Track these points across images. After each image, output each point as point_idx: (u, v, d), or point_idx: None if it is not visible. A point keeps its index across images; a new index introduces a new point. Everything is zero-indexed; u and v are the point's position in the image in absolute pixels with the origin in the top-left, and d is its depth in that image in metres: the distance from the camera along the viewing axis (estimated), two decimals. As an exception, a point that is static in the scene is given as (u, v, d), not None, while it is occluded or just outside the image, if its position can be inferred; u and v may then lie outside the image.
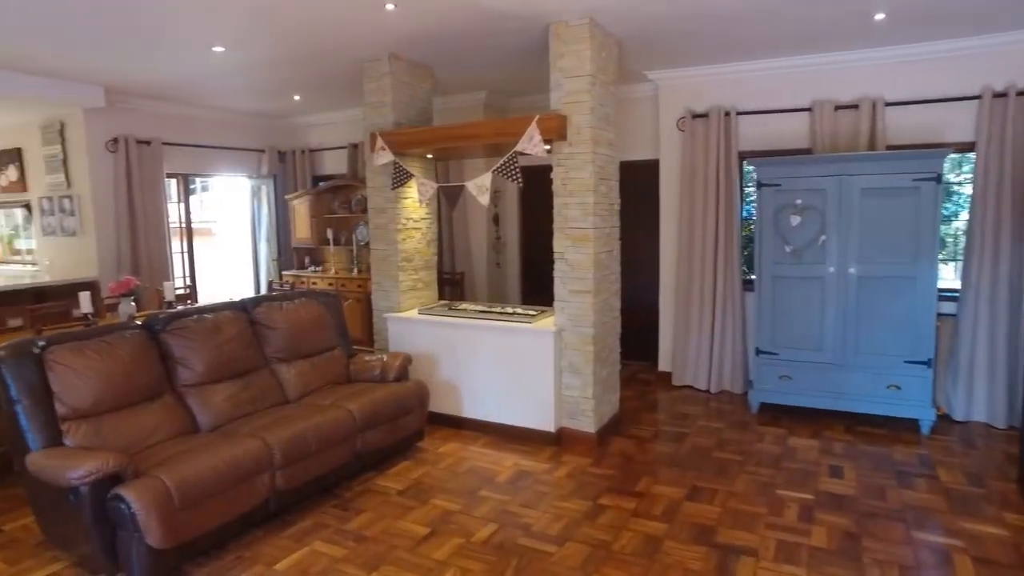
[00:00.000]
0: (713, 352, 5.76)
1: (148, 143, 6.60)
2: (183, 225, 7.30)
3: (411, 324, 5.09)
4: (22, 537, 3.47)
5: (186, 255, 7.33)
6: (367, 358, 4.69)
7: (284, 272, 7.71)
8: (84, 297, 4.67)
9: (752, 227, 6.13)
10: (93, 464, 2.83)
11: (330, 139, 7.91)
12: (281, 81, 6.00)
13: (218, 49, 4.83)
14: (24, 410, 3.16)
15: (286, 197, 7.79)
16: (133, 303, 4.99)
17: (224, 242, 9.10)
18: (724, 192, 5.56)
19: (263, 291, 8.09)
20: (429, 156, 5.29)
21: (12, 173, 7.18)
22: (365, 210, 7.22)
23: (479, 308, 5.09)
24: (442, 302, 5.56)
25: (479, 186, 4.51)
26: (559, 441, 4.59)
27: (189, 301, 6.06)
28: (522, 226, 7.24)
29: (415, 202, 5.29)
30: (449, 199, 4.86)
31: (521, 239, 7.26)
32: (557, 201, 4.45)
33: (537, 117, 4.24)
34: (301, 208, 7.59)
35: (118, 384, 3.42)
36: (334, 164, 7.92)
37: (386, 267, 5.26)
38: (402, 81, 5.19)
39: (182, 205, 7.27)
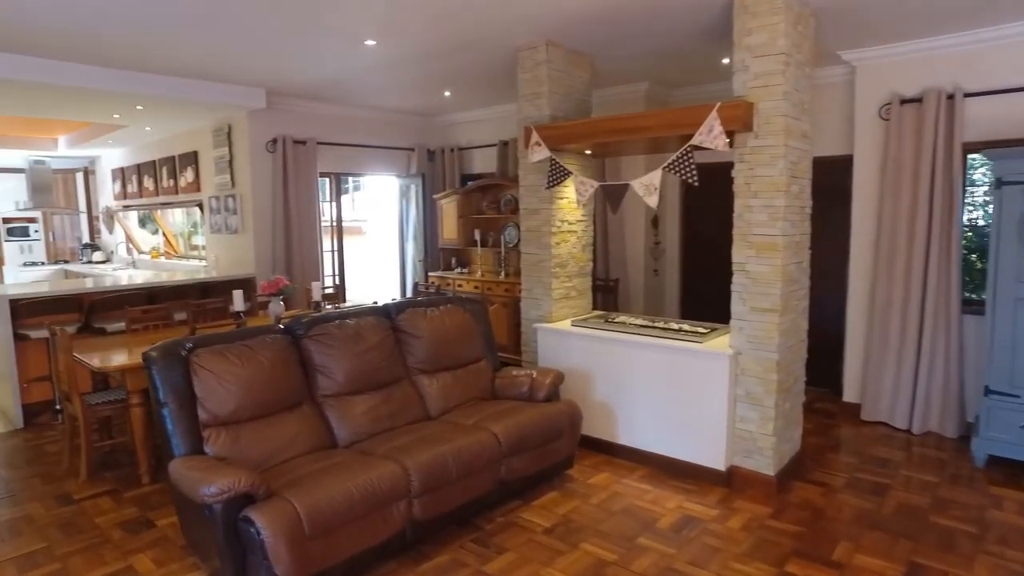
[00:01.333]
0: (918, 385, 4.79)
1: (303, 143, 6.69)
2: (333, 224, 7.37)
3: (563, 337, 4.64)
4: (171, 536, 3.42)
5: (336, 254, 7.40)
6: (514, 373, 4.30)
7: (430, 273, 7.58)
8: (237, 295, 4.69)
9: (974, 235, 5.06)
10: (225, 482, 2.63)
11: (479, 137, 7.68)
12: (431, 76, 5.79)
13: (369, 43, 4.65)
14: (170, 413, 3.06)
15: (434, 197, 7.66)
16: (282, 303, 4.96)
17: (373, 241, 9.21)
18: (941, 192, 4.58)
19: (409, 292, 8.02)
20: (588, 152, 4.82)
21: (189, 175, 7.62)
22: (514, 210, 6.90)
23: (639, 322, 4.53)
24: (597, 313, 5.06)
25: (647, 185, 3.96)
26: (730, 482, 3.93)
27: (336, 302, 6.02)
28: (683, 230, 6.57)
29: (571, 203, 4.84)
30: (611, 200, 4.33)
31: (682, 245, 6.59)
32: (738, 203, 3.80)
33: (719, 104, 3.62)
34: (449, 208, 7.42)
35: (258, 391, 3.26)
36: (483, 162, 7.69)
37: (538, 273, 4.85)
38: (559, 71, 4.75)
39: (333, 204, 7.34)
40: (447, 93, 6.52)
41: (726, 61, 4.84)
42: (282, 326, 3.68)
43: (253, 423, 3.24)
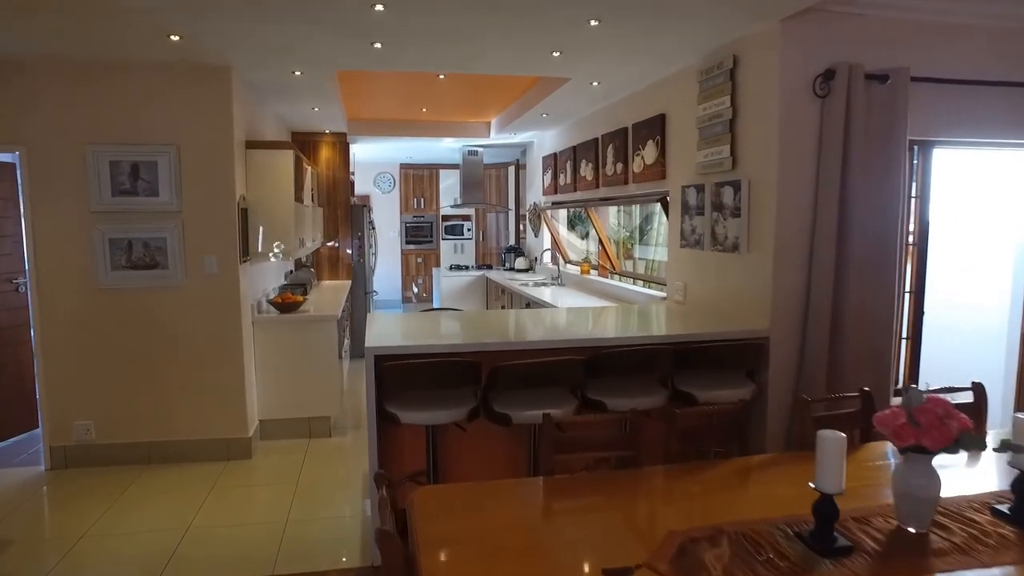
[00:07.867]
0: None
1: (883, 78, 3.33)
2: (912, 239, 3.84)
3: None
4: None
5: (911, 299, 3.85)
6: None
7: None
8: (832, 467, 1.56)
9: None
10: None
11: None
12: None
13: None
14: None
15: None
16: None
17: (939, 268, 5.27)
18: None
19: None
20: None
21: (649, 154, 4.96)
22: None
23: None
24: None
25: None
26: None
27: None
28: None
29: None
30: None
31: None
32: None
33: None
34: None
35: None
36: None
37: None
38: None
39: (915, 199, 3.81)
40: None
41: None
42: None
43: None
